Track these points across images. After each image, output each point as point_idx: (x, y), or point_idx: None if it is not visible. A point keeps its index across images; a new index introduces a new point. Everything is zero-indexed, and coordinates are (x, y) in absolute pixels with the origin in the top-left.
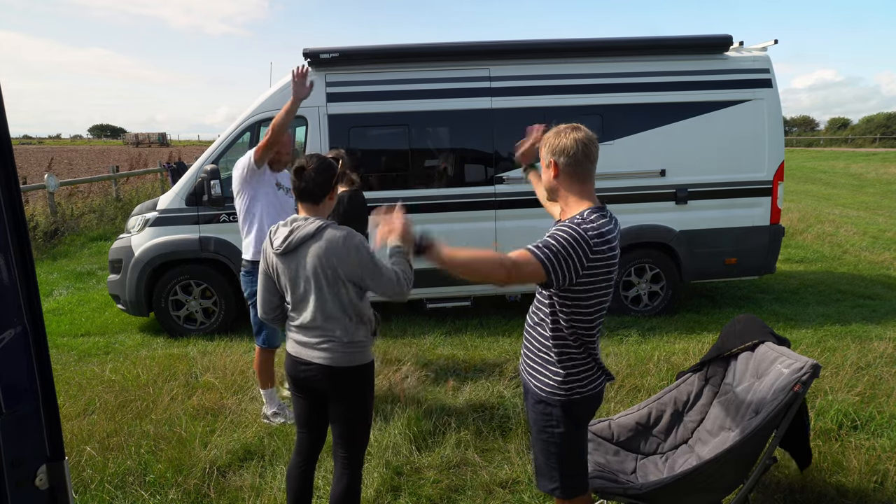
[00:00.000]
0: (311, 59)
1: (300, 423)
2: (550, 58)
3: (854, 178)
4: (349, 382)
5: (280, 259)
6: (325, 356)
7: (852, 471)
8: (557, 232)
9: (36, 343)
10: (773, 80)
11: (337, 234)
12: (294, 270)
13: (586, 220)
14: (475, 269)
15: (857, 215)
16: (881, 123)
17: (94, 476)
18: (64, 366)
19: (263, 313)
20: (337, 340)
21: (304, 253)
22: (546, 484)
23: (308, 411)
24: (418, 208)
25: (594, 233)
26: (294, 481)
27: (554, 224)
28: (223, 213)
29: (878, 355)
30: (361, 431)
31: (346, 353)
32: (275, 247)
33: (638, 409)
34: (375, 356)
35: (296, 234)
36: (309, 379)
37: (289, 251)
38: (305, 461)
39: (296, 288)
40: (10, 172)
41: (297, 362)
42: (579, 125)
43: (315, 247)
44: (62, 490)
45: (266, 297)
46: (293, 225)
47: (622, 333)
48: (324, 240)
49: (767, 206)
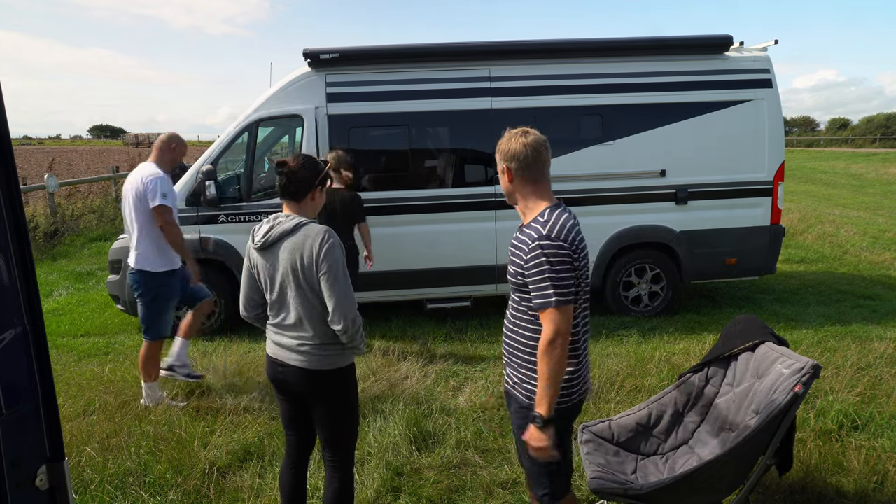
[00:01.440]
0: (311, 59)
1: (285, 424)
2: (551, 58)
3: (854, 178)
4: (328, 386)
5: (260, 255)
6: (301, 359)
7: (852, 471)
8: (536, 256)
9: (36, 343)
10: (774, 80)
11: (314, 230)
12: (271, 267)
13: (548, 220)
14: (557, 374)
15: (858, 215)
16: (881, 124)
17: (93, 476)
18: (64, 366)
19: (245, 311)
20: (314, 343)
21: (281, 248)
22: (537, 490)
23: (292, 413)
24: (418, 208)
25: (560, 229)
26: (286, 482)
27: (518, 228)
28: (222, 214)
29: (878, 356)
30: (347, 434)
31: (324, 355)
32: (255, 242)
33: (638, 409)
34: (376, 356)
35: (275, 230)
36: (287, 381)
37: (267, 247)
38: (296, 462)
39: (273, 285)
40: (10, 173)
41: (275, 364)
42: (529, 129)
43: (290, 242)
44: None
45: (248, 294)
46: (274, 221)
47: (622, 334)
48: (300, 235)
49: (768, 207)
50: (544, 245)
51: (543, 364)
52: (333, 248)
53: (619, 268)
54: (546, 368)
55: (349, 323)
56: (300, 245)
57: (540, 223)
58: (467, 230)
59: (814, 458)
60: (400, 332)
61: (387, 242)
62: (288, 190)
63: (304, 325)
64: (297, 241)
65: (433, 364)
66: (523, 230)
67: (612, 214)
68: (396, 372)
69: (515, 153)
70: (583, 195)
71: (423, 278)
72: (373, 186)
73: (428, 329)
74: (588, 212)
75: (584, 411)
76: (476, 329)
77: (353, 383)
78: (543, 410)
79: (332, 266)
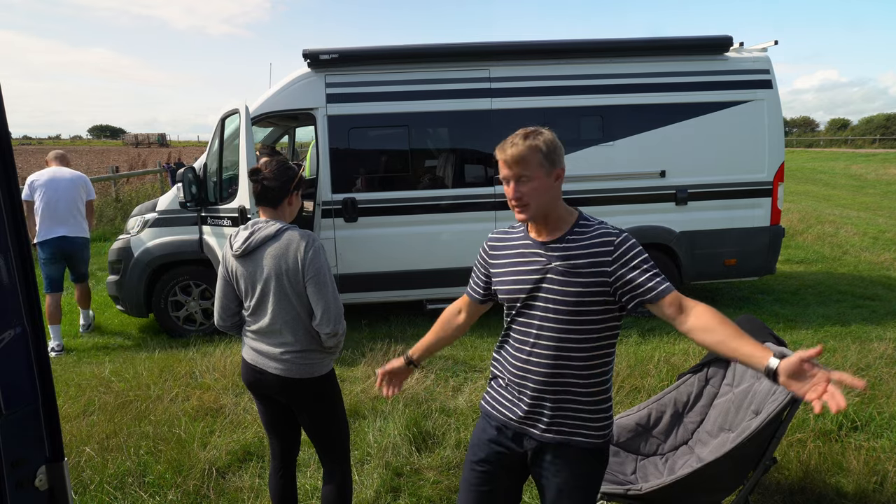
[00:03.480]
0: (311, 59)
1: (267, 429)
2: (550, 58)
3: (854, 178)
4: (309, 394)
5: (239, 262)
6: (280, 367)
7: (852, 471)
8: (631, 247)
9: (36, 343)
10: (774, 80)
11: (297, 235)
12: (252, 273)
13: (603, 222)
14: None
15: (857, 216)
16: (881, 124)
17: (93, 477)
18: (64, 366)
19: (221, 321)
20: (295, 349)
21: (263, 255)
22: None
23: (271, 418)
24: (418, 209)
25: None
26: (274, 487)
27: (553, 241)
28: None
29: (878, 356)
30: (336, 437)
31: (305, 364)
32: (234, 249)
33: (638, 409)
34: (376, 356)
35: (256, 236)
36: (266, 387)
37: (247, 253)
38: (280, 466)
39: (254, 291)
40: (10, 173)
41: (253, 370)
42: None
43: (273, 247)
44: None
45: (224, 303)
46: (253, 227)
47: (622, 334)
48: (283, 240)
49: (767, 207)
50: (628, 238)
51: (729, 325)
52: (318, 253)
53: None
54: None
55: (339, 326)
56: (284, 250)
57: (599, 223)
58: (467, 231)
59: (814, 458)
60: (400, 332)
61: (387, 243)
62: (264, 196)
63: (285, 331)
64: (282, 247)
65: (433, 364)
66: (580, 238)
67: (611, 215)
68: None
69: (560, 147)
70: (583, 196)
71: (422, 279)
72: (373, 187)
73: (428, 329)
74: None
75: None
76: (476, 329)
77: (335, 389)
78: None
79: (319, 271)
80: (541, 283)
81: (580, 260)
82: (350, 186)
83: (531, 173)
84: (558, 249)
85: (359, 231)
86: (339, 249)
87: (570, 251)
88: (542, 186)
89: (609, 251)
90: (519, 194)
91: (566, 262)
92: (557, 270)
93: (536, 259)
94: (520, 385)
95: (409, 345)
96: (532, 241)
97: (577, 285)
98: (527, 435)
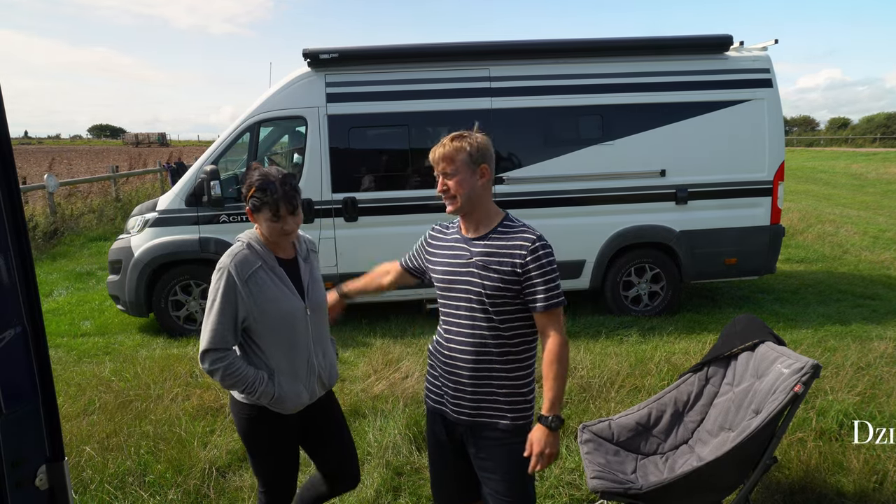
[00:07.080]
0: (311, 59)
1: None
2: (550, 58)
3: (854, 177)
4: (233, 412)
5: None
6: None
7: (852, 471)
8: (541, 256)
9: (36, 343)
10: (774, 79)
11: (226, 252)
12: None
13: (526, 224)
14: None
15: (858, 215)
16: (881, 123)
17: (93, 476)
18: (64, 366)
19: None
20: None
21: None
22: None
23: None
24: (418, 208)
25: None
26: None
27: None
28: (223, 214)
29: (878, 355)
30: (254, 465)
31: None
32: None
33: (638, 409)
34: (376, 356)
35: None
36: None
37: None
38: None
39: None
40: (10, 172)
41: None
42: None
43: None
44: (62, 490)
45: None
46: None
47: (622, 333)
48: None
49: (768, 207)
50: (545, 245)
51: (560, 366)
52: (217, 271)
53: (618, 267)
54: (562, 370)
55: (203, 361)
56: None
57: (522, 225)
58: None
59: (814, 458)
60: (400, 332)
61: (387, 242)
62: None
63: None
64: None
65: None
66: (501, 237)
67: (611, 214)
68: (396, 372)
69: (488, 150)
70: (583, 195)
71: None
72: (372, 186)
73: (428, 329)
74: (588, 211)
75: (584, 411)
76: None
77: (252, 423)
78: (558, 411)
79: (211, 294)
80: (464, 276)
81: (498, 257)
82: (350, 186)
83: (456, 169)
84: (480, 245)
85: (359, 230)
86: (339, 249)
87: (491, 247)
88: (466, 181)
89: (524, 254)
90: (445, 187)
91: (486, 256)
92: (477, 264)
93: (462, 253)
94: (447, 372)
95: (409, 344)
96: (461, 237)
97: (494, 280)
98: (455, 419)
